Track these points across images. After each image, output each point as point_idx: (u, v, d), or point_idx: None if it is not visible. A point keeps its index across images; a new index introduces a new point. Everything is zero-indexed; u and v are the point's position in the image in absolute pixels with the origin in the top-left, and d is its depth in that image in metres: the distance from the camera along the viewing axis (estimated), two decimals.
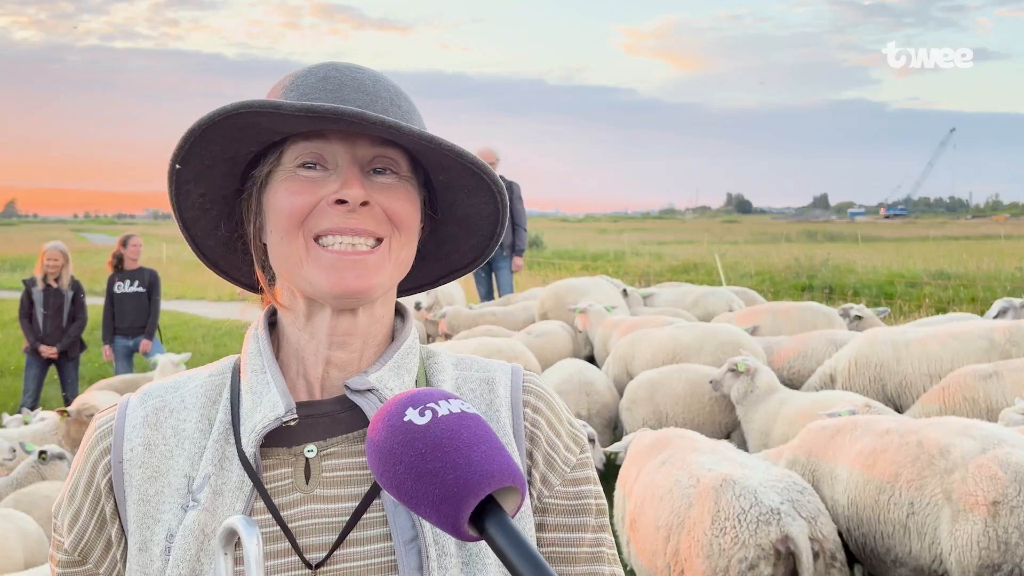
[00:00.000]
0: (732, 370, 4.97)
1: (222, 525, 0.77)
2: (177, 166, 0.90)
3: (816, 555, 2.91)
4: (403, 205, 0.91)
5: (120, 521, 0.91)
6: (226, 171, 0.93)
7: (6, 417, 5.99)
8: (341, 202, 0.87)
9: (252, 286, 1.02)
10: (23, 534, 3.59)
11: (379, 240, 0.89)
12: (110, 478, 0.91)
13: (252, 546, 0.74)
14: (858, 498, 3.32)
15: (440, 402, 0.69)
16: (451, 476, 0.64)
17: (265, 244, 0.94)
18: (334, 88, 0.89)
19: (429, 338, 8.61)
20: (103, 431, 0.94)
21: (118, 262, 8.25)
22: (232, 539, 0.77)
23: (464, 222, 0.99)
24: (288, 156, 0.90)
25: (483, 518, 0.64)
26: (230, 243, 0.99)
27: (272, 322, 0.99)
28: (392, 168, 0.91)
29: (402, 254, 0.92)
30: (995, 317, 6.17)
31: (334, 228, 0.87)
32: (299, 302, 0.93)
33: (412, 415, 0.67)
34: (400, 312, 1.02)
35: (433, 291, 8.77)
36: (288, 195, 0.89)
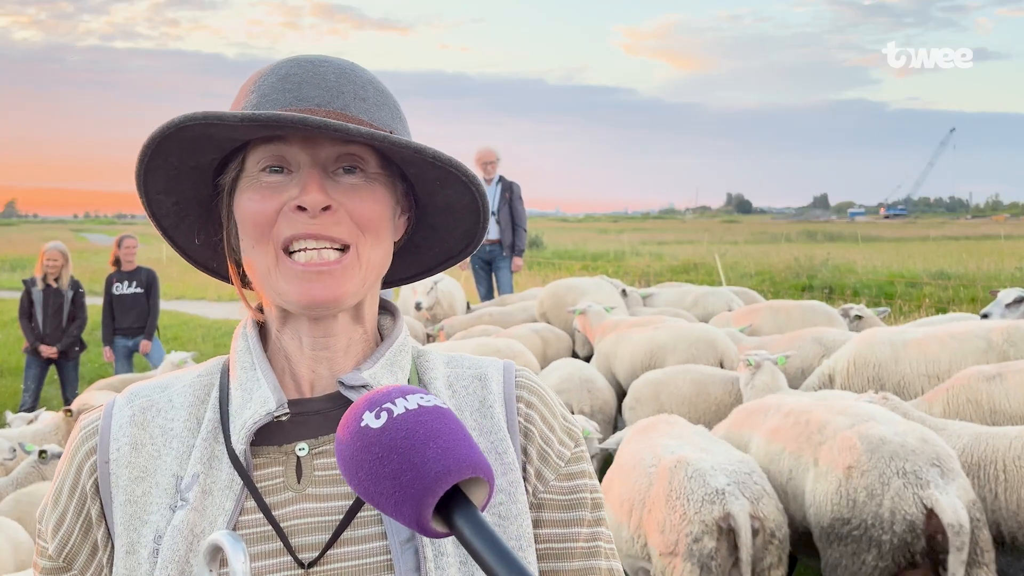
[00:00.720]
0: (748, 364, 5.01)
1: (206, 541, 0.75)
2: (143, 177, 0.89)
3: (756, 532, 3.21)
4: (369, 207, 0.87)
5: (106, 524, 0.88)
6: (195, 179, 0.91)
7: (9, 415, 5.98)
8: (302, 208, 0.85)
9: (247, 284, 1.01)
10: (14, 544, 3.54)
11: (346, 246, 0.87)
12: (96, 479, 0.89)
13: (238, 563, 0.71)
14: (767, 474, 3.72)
15: (397, 400, 0.67)
16: (408, 477, 0.63)
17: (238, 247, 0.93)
18: (293, 87, 0.87)
19: (429, 338, 8.61)
20: (88, 431, 0.92)
21: (117, 262, 8.30)
22: (217, 555, 0.75)
23: (447, 211, 0.97)
24: (251, 160, 0.88)
25: (451, 512, 0.63)
26: (213, 244, 0.98)
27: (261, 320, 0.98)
28: (360, 166, 0.88)
29: (373, 257, 0.89)
30: (1008, 305, 6.16)
31: (298, 234, 0.85)
32: (272, 308, 0.93)
33: (368, 419, 0.66)
34: (390, 311, 1.01)
35: (434, 292, 8.76)
36: (251, 203, 0.87)
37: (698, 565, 3.16)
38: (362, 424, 0.66)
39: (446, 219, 0.98)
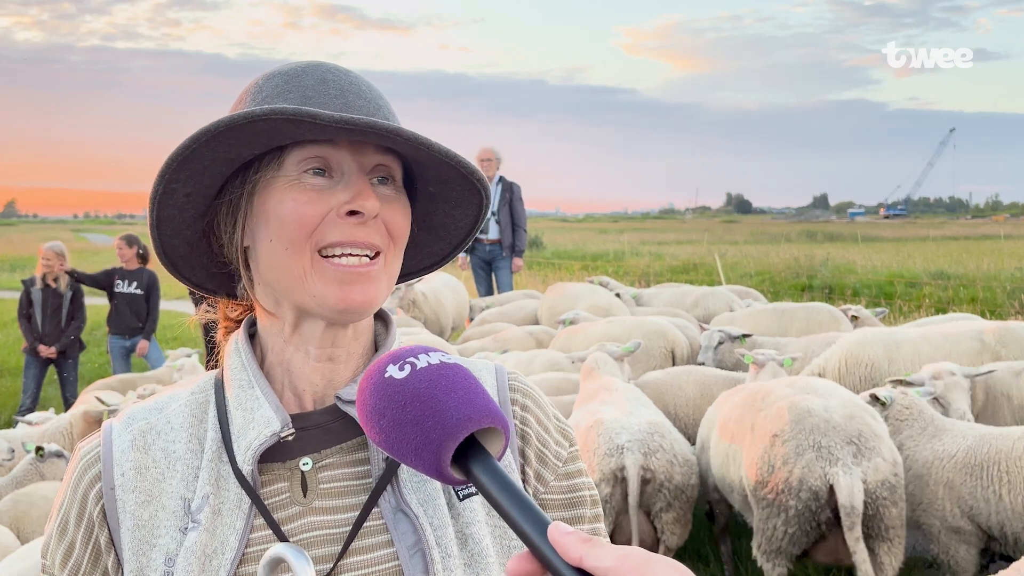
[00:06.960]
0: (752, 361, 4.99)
1: (266, 553, 0.76)
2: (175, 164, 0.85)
3: (647, 481, 3.80)
4: (401, 219, 0.89)
5: (115, 551, 0.87)
6: (219, 172, 0.88)
7: (18, 418, 5.91)
8: (353, 213, 0.84)
9: (202, 287, 0.98)
10: (3, 550, 3.53)
11: (377, 253, 0.87)
12: (103, 506, 0.88)
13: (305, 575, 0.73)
14: (717, 442, 4.02)
15: (420, 356, 0.70)
16: (430, 422, 0.66)
17: (247, 248, 0.91)
18: (337, 93, 0.87)
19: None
20: (90, 459, 0.90)
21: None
22: (276, 567, 0.76)
23: (435, 230, 0.99)
24: (291, 160, 0.86)
25: (468, 461, 0.66)
26: (194, 243, 0.94)
27: (251, 333, 0.96)
28: (391, 177, 0.89)
29: (394, 267, 0.91)
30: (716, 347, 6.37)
31: (343, 240, 0.85)
32: (287, 312, 0.90)
33: (392, 371, 0.69)
34: (384, 319, 1.01)
35: (406, 292, 8.63)
36: (296, 205, 0.84)
37: None
38: (386, 375, 0.68)
39: (428, 238, 1.00)
